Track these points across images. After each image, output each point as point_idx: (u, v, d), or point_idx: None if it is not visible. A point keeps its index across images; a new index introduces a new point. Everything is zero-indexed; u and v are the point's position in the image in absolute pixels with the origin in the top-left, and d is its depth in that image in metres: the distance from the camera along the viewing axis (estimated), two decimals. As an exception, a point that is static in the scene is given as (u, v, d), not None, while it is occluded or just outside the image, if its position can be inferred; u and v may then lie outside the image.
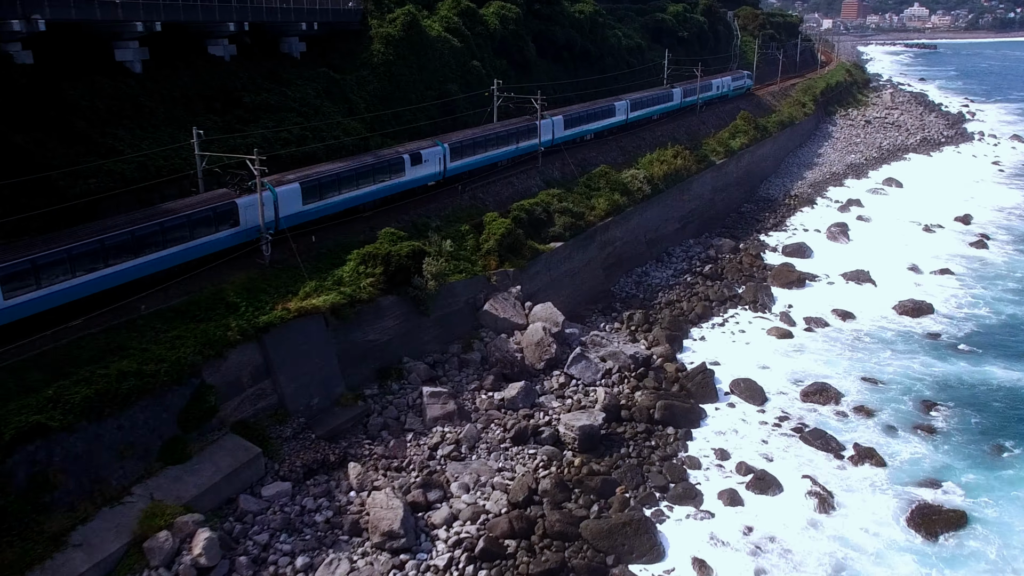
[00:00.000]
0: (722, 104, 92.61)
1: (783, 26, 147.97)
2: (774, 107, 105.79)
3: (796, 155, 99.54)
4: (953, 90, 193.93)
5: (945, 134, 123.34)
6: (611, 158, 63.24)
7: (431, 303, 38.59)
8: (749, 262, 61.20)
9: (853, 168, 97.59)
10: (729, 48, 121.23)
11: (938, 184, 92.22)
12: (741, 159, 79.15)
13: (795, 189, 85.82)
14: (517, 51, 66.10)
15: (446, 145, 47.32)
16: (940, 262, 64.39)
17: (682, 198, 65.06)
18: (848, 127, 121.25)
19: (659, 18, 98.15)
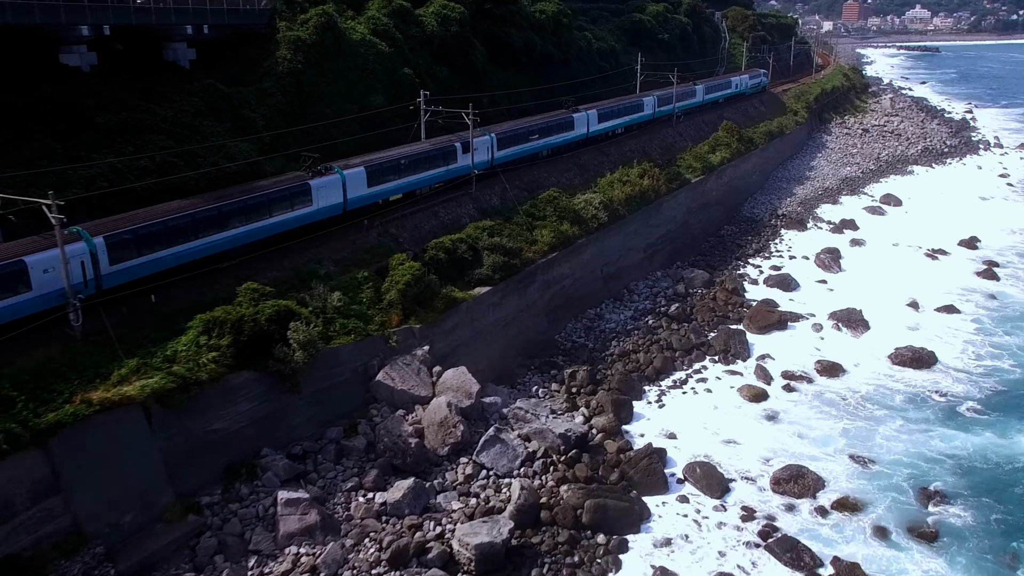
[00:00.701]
0: (726, 106, 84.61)
1: (776, 28, 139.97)
2: (781, 106, 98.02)
3: (786, 168, 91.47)
4: (956, 95, 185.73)
5: (948, 143, 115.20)
6: (567, 179, 55.29)
7: (302, 377, 30.57)
8: (724, 298, 53.16)
9: (848, 183, 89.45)
10: (716, 51, 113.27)
11: (941, 201, 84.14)
12: (722, 175, 71.13)
13: (783, 207, 77.70)
14: (462, 56, 58.17)
15: (345, 172, 39.43)
16: (944, 296, 56.37)
17: (649, 223, 57.06)
18: (844, 136, 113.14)
19: (636, 19, 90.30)
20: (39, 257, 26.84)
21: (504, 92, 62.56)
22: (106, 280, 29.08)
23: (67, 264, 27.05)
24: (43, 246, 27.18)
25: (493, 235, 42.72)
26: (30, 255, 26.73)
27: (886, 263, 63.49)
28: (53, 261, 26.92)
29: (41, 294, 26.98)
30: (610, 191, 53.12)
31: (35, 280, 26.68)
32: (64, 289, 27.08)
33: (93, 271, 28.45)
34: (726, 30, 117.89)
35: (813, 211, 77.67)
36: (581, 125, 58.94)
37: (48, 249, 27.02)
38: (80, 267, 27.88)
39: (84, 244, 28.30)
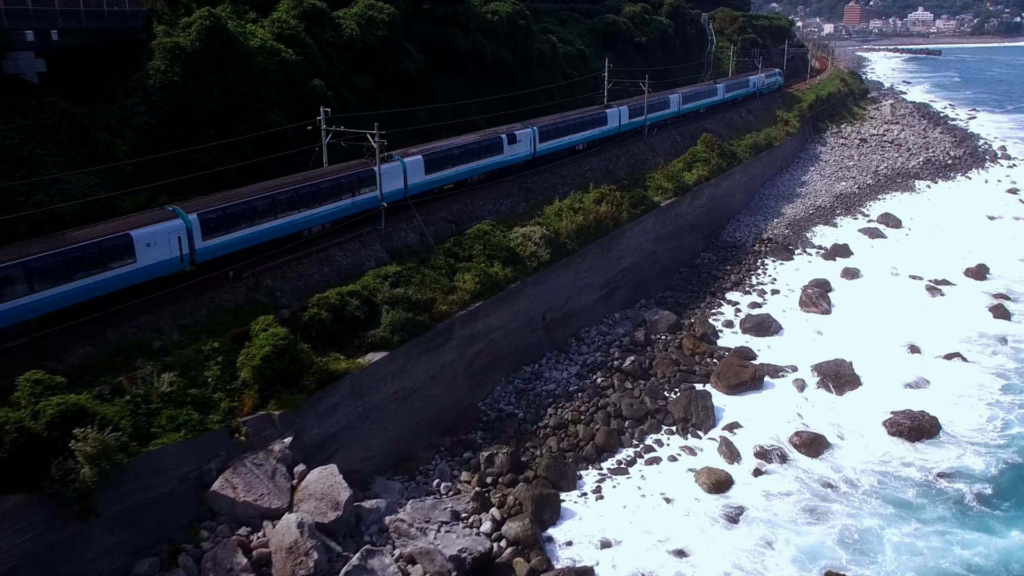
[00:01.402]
0: (707, 116, 77.02)
1: (769, 30, 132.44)
2: (771, 114, 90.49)
3: (774, 184, 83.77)
4: (960, 100, 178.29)
5: (952, 154, 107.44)
6: (508, 207, 47.74)
7: (97, 497, 22.97)
8: (691, 347, 45.49)
9: (842, 200, 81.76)
10: (702, 55, 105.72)
11: (945, 221, 76.52)
12: (699, 196, 63.46)
13: (769, 230, 70.02)
14: (391, 64, 50.59)
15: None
16: (949, 341, 48.81)
17: (607, 256, 49.46)
18: (840, 147, 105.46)
19: (610, 21, 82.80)
20: (144, 231, 29.04)
21: (447, 104, 54.94)
22: (199, 255, 31.40)
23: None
24: (148, 221, 29.88)
25: (398, 284, 35.08)
26: (135, 229, 28.89)
27: (883, 298, 55.82)
28: (156, 235, 29.43)
29: (144, 265, 29.30)
30: (557, 221, 45.41)
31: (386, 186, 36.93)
32: (164, 261, 29.79)
33: (403, 183, 36.98)
34: (713, 32, 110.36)
35: (803, 234, 69.98)
36: (525, 144, 51.15)
37: (152, 224, 29.75)
38: (177, 242, 30.26)
39: (181, 221, 30.55)
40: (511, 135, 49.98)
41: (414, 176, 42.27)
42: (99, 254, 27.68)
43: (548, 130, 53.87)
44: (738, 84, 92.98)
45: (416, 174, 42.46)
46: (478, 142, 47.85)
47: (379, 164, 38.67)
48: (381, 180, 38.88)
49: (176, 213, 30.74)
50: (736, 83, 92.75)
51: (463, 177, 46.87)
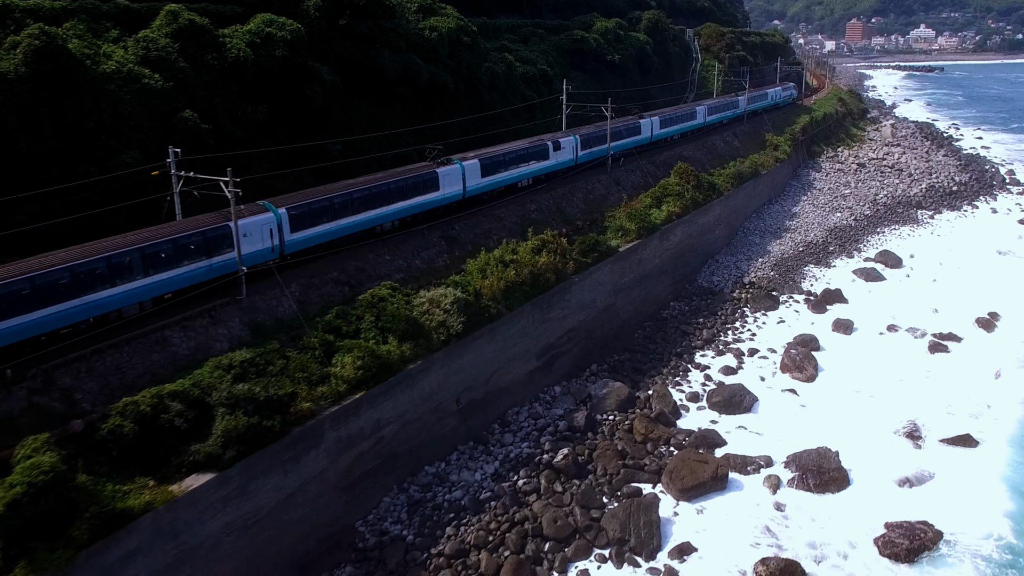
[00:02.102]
0: (686, 142, 69.48)
1: (760, 47, 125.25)
2: (760, 138, 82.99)
3: (760, 217, 76.02)
4: (964, 119, 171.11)
5: (957, 179, 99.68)
6: (424, 261, 40.04)
7: None
8: (644, 431, 37.64)
9: (837, 235, 73.95)
10: (687, 73, 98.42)
11: (950, 258, 68.72)
12: (668, 236, 55.78)
13: (752, 273, 62.20)
14: (292, 89, 43.06)
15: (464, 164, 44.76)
16: (956, 417, 41.04)
17: (547, 317, 41.73)
18: (836, 173, 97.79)
19: (578, 37, 75.49)
20: (444, 170, 40.17)
21: (369, 135, 47.39)
22: (288, 247, 33.99)
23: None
24: (245, 214, 31.99)
25: (245, 377, 27.31)
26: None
27: (878, 360, 47.93)
28: (252, 227, 31.93)
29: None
30: (478, 280, 37.63)
31: (442, 185, 41.07)
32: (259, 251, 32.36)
33: (279, 238, 33.42)
34: (698, 50, 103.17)
35: (790, 277, 62.14)
36: (450, 183, 43.49)
37: (248, 216, 32.09)
38: (269, 234, 32.93)
39: (272, 215, 33.12)
40: (426, 178, 42.01)
41: (472, 179, 45.41)
42: (204, 243, 30.41)
43: (489, 163, 46.41)
44: (723, 105, 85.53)
45: (474, 177, 45.55)
46: (528, 148, 50.64)
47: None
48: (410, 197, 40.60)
49: (267, 208, 33.65)
50: (721, 104, 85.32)
51: (515, 181, 50.07)
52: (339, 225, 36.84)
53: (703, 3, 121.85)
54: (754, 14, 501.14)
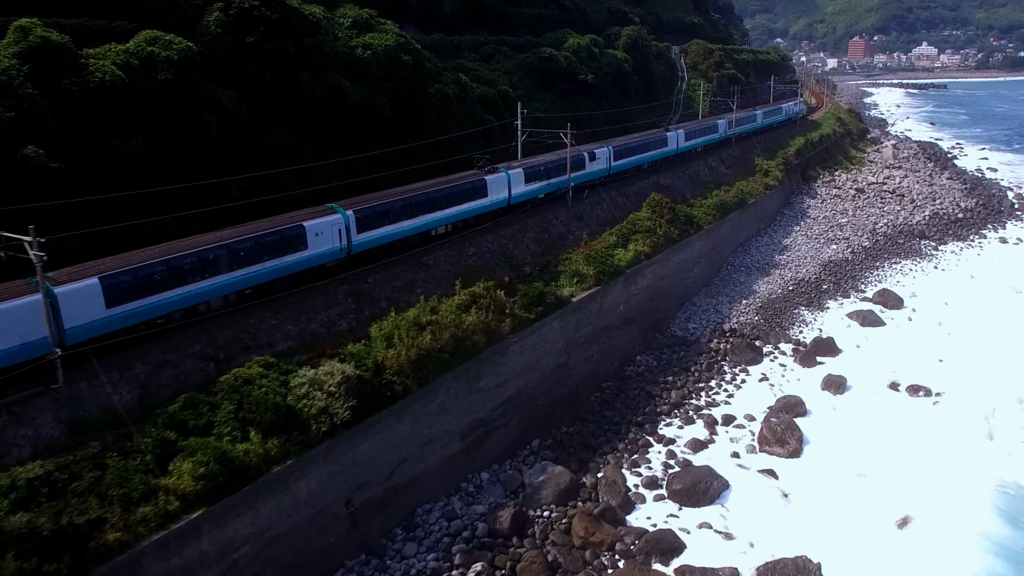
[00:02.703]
0: (664, 169, 62.99)
1: (754, 65, 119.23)
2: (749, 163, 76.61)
3: (747, 251, 69.36)
4: (969, 138, 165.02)
5: (963, 205, 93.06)
6: (323, 324, 33.43)
7: None
8: (583, 534, 30.85)
9: (832, 271, 67.21)
10: (672, 93, 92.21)
11: (957, 298, 61.95)
12: (636, 280, 49.23)
13: (734, 318, 55.45)
14: (181, 118, 36.65)
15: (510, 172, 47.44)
16: (968, 506, 33.82)
17: (475, 388, 35.06)
18: (832, 199, 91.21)
19: (546, 55, 69.28)
20: (313, 223, 34.47)
21: (281, 170, 40.92)
22: (355, 247, 36.68)
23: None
24: (317, 215, 35.44)
25: (31, 501, 20.68)
26: (308, 221, 34.36)
27: (874, 426, 41.16)
28: (323, 226, 34.91)
29: (491, 201, 45.72)
30: (382, 350, 30.99)
31: (490, 192, 43.61)
32: (330, 250, 35.26)
33: (346, 238, 35.94)
34: (684, 68, 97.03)
35: (777, 322, 55.41)
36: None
37: (320, 217, 35.34)
38: (338, 234, 35.67)
39: (340, 216, 35.93)
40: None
41: (516, 186, 48.48)
42: (280, 242, 32.92)
43: (528, 174, 49.53)
44: (704, 129, 79.10)
45: (518, 184, 48.64)
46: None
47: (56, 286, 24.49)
48: None
49: (335, 210, 36.06)
50: (702, 127, 78.90)
51: (548, 191, 52.42)
52: (399, 228, 39.59)
53: (692, 19, 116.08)
54: (756, 32, 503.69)
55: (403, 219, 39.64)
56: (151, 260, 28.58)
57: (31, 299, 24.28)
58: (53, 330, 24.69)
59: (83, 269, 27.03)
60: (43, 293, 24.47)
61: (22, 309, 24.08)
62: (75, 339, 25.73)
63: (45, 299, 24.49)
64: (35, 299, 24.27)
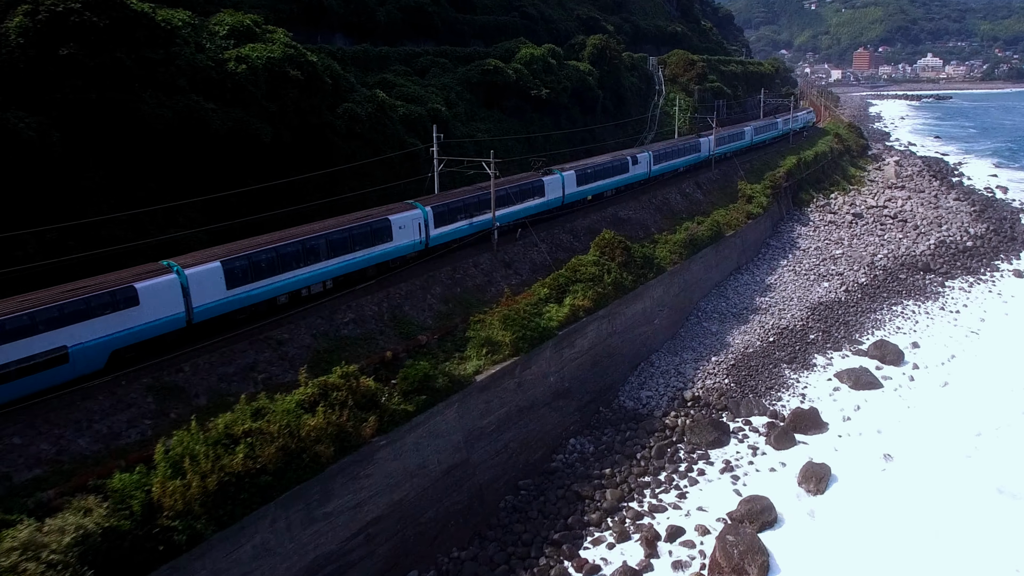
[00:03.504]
0: (630, 195, 54.20)
1: (743, 77, 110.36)
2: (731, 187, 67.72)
3: (722, 294, 60.36)
4: (976, 152, 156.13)
5: (972, 231, 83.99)
6: (98, 437, 24.47)
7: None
8: None
9: (821, 316, 58.14)
10: (647, 108, 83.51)
11: (967, 349, 52.78)
12: (572, 342, 40.37)
13: (699, 382, 46.40)
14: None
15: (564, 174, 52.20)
16: None
17: (320, 514, 25.93)
18: (826, 226, 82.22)
19: (489, 68, 60.61)
20: (398, 216, 38.45)
21: (98, 219, 32.15)
22: (432, 240, 40.88)
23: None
24: (402, 209, 39.73)
25: None
26: (393, 214, 38.35)
27: (862, 540, 31.87)
28: (406, 220, 38.95)
29: (548, 199, 50.43)
30: (159, 480, 22.10)
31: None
32: (411, 243, 39.40)
33: (424, 233, 40.22)
34: (662, 81, 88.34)
35: (751, 387, 46.34)
36: (407, 232, 39.31)
37: (404, 212, 39.55)
38: (418, 228, 39.92)
39: (420, 212, 40.07)
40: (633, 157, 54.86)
41: (570, 187, 52.18)
42: (370, 234, 36.98)
43: (580, 176, 53.05)
44: (679, 149, 70.33)
45: (571, 185, 52.51)
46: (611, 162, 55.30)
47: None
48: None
49: (416, 206, 40.59)
50: (677, 147, 70.14)
51: (601, 191, 55.96)
52: (471, 223, 43.47)
53: (675, 28, 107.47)
54: (761, 43, 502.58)
55: (475, 215, 44.02)
56: (263, 247, 31.86)
57: (417, 212, 39.00)
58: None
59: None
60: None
61: (415, 217, 39.10)
62: (200, 318, 29.33)
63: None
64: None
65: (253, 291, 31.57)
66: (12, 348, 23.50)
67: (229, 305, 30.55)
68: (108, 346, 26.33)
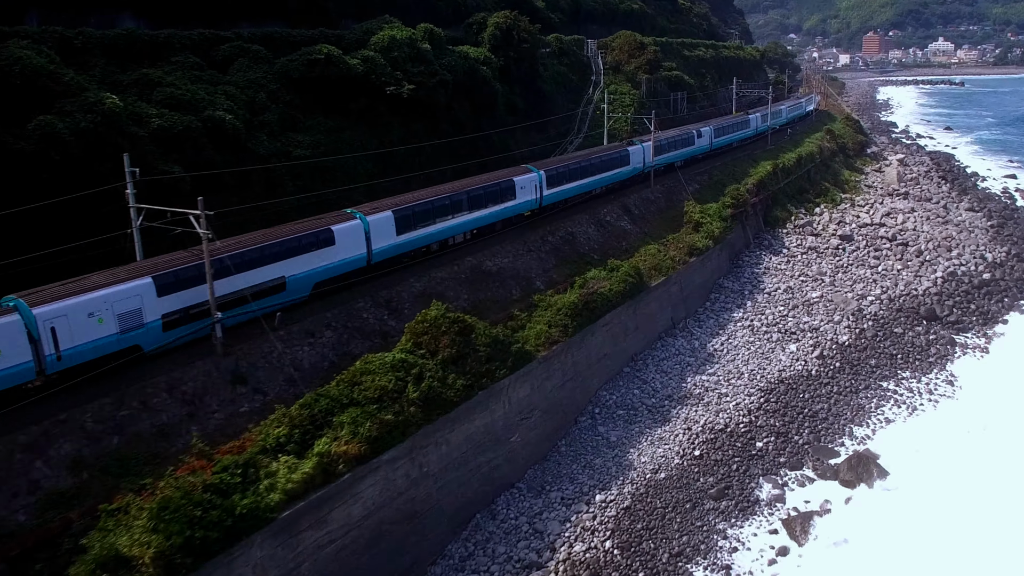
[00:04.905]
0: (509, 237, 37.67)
1: (714, 64, 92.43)
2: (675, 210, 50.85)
3: (640, 370, 43.48)
4: (992, 147, 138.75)
5: (990, 257, 67.05)
6: None
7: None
8: None
9: (778, 403, 41.29)
10: (579, 104, 66.24)
11: (983, 463, 35.77)
12: (313, 524, 23.22)
13: (557, 556, 29.32)
14: None
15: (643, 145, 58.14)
16: None
17: None
18: (805, 255, 65.13)
19: (319, 58, 43.52)
20: (520, 178, 44.07)
21: None
22: (544, 200, 46.38)
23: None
24: (521, 172, 45.35)
25: None
26: (516, 176, 43.94)
27: None
28: (526, 182, 44.58)
29: (633, 168, 56.80)
30: None
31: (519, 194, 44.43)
32: (529, 201, 45.21)
33: (539, 193, 45.63)
34: (601, 69, 70.98)
35: (642, 562, 29.32)
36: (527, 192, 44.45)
37: (524, 174, 45.06)
38: (535, 188, 45.40)
39: (536, 174, 45.50)
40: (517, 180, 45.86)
41: (387, 237, 42.40)
42: (499, 192, 43.24)
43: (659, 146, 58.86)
44: (599, 163, 53.23)
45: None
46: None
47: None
48: None
49: (532, 169, 46.06)
50: (597, 160, 53.05)
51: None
52: (575, 186, 49.90)
53: (630, 5, 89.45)
54: (769, 27, 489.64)
55: (576, 180, 50.23)
56: (423, 200, 37.77)
57: (533, 175, 45.59)
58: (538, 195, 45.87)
59: (380, 204, 36.65)
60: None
61: (532, 180, 45.39)
62: (377, 258, 35.09)
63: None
64: (534, 176, 45.41)
65: (416, 237, 37.47)
66: (251, 275, 28.92)
67: (398, 248, 36.37)
68: (313, 278, 32.00)
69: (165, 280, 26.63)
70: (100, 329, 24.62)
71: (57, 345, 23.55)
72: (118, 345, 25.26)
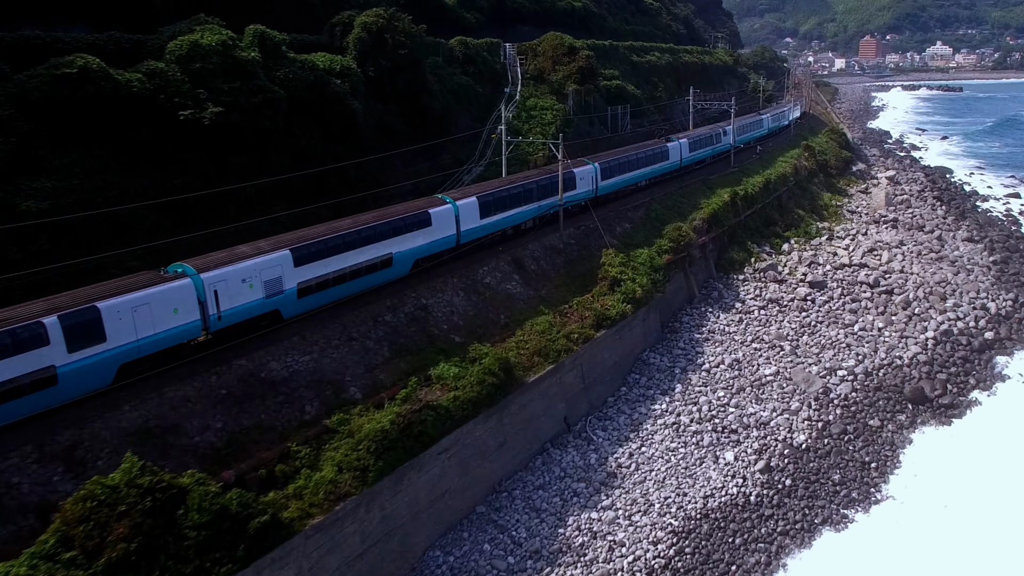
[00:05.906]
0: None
1: (670, 71, 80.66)
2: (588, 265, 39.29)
3: (507, 503, 31.49)
4: (991, 160, 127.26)
5: (992, 306, 55.81)
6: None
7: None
8: None
9: (702, 546, 29.56)
10: (485, 122, 54.43)
11: None
12: None
13: None
14: None
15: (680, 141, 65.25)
16: None
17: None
18: (764, 309, 53.39)
19: (70, 74, 31.73)
20: (579, 170, 48.71)
21: None
22: (600, 190, 51.65)
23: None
24: (580, 164, 49.67)
25: None
26: (577, 168, 48.51)
27: None
28: (584, 173, 49.46)
29: (672, 163, 63.20)
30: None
31: (671, 156, 60.27)
32: (587, 191, 50.21)
33: (595, 184, 50.71)
34: (518, 79, 59.30)
35: None
36: (585, 183, 50.23)
37: (582, 167, 49.55)
38: (591, 179, 50.36)
39: (592, 166, 50.38)
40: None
41: (684, 152, 65.25)
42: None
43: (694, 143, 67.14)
44: (495, 200, 41.68)
45: (684, 151, 65.94)
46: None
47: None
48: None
49: (587, 162, 50.65)
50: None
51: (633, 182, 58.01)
52: (624, 178, 55.16)
53: (572, 2, 77.43)
54: (765, 31, 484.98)
55: (625, 172, 55.48)
56: (502, 187, 42.78)
57: (591, 167, 50.42)
58: (595, 186, 50.79)
59: (466, 191, 41.25)
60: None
61: (590, 171, 50.20)
62: (464, 239, 39.18)
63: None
64: (591, 168, 50.26)
65: (496, 221, 42.23)
66: (365, 251, 33.21)
67: (482, 231, 40.92)
68: (413, 255, 36.11)
69: (300, 252, 30.66)
70: (251, 294, 28.62)
71: (219, 306, 27.40)
72: (262, 309, 29.29)
